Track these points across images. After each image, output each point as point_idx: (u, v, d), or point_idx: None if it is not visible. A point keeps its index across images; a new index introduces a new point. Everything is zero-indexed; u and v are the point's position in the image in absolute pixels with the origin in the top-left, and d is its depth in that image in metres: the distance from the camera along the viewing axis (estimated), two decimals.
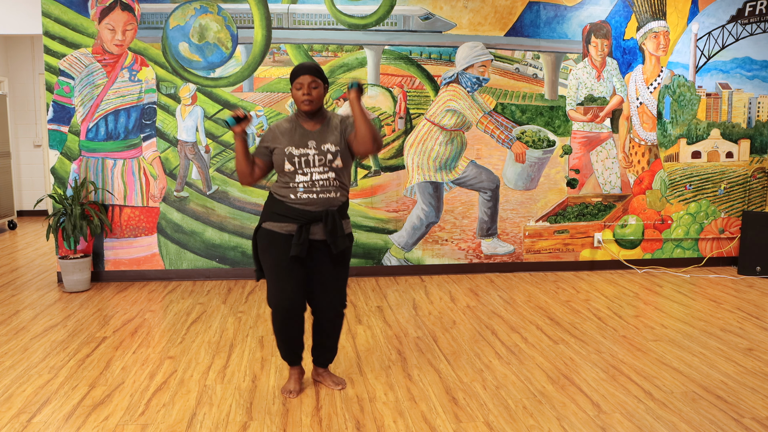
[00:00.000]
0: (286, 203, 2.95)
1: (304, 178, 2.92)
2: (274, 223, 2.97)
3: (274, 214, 2.97)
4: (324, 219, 2.93)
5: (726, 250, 5.87)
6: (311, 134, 2.96)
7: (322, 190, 2.93)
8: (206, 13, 5.14)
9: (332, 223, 2.93)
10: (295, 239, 2.91)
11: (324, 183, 2.93)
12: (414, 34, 5.32)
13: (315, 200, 2.92)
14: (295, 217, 2.93)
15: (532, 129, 5.53)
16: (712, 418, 2.88)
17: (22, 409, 2.97)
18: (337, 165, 2.95)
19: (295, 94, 2.93)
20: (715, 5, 5.59)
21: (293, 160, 2.91)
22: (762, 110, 5.77)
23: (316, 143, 2.94)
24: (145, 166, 5.24)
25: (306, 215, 2.93)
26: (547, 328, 4.12)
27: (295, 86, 2.92)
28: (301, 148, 2.92)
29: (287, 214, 2.94)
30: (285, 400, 3.06)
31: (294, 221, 2.93)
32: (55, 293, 4.97)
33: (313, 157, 2.92)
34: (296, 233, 2.92)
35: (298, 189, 2.92)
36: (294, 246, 2.90)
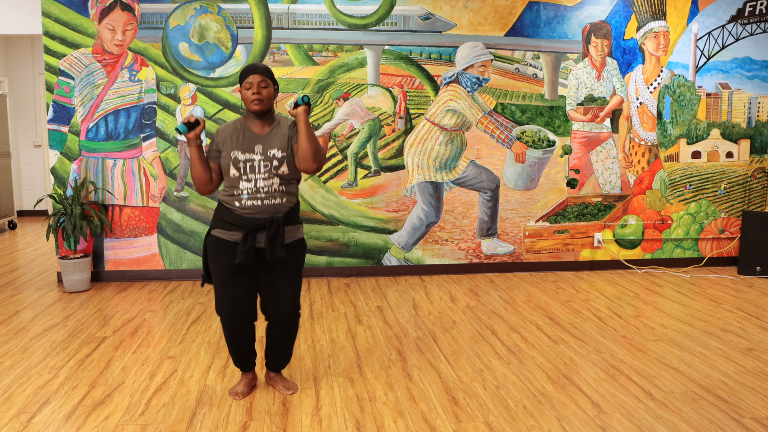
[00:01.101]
0: (233, 211, 2.90)
1: (248, 184, 2.87)
2: (222, 231, 2.93)
3: (222, 222, 2.93)
4: (268, 226, 2.88)
5: (726, 250, 5.87)
6: (259, 138, 2.91)
7: (266, 197, 2.88)
8: (206, 13, 5.14)
9: (274, 230, 2.87)
10: (241, 247, 2.86)
11: (268, 190, 2.88)
12: (414, 34, 5.32)
13: (260, 207, 2.88)
14: (242, 225, 2.89)
15: (532, 129, 5.53)
16: (712, 418, 2.88)
17: (22, 409, 2.97)
18: (283, 172, 2.90)
19: (244, 93, 2.88)
20: (715, 5, 5.59)
21: (238, 165, 2.86)
22: (762, 110, 5.77)
23: (263, 148, 2.89)
24: (145, 166, 5.24)
25: (252, 223, 2.89)
26: (547, 328, 4.12)
27: (245, 86, 2.87)
28: (247, 153, 2.87)
29: (234, 222, 2.90)
30: (285, 400, 3.06)
31: (240, 229, 2.89)
32: (55, 293, 4.97)
33: (259, 162, 2.87)
34: (242, 241, 2.87)
35: (242, 196, 2.88)
36: (239, 254, 2.86)
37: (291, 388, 3.16)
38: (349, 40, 5.27)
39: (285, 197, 2.93)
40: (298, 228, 3.03)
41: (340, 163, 5.37)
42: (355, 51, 5.29)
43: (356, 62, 5.30)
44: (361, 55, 5.30)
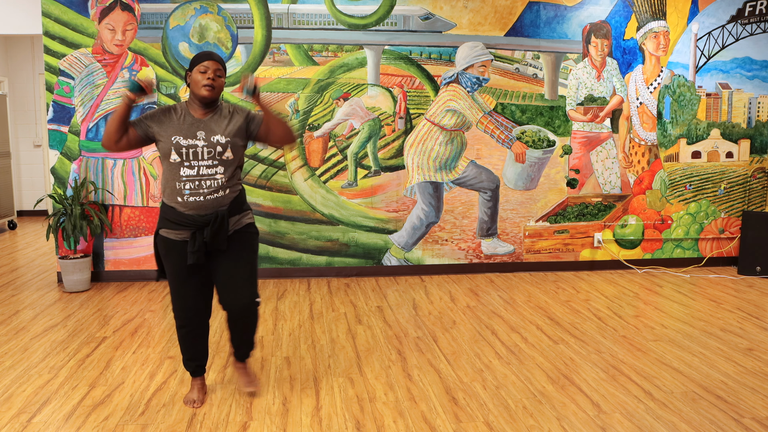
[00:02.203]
0: (176, 209, 2.81)
1: (191, 171, 2.76)
2: (168, 231, 2.86)
3: (167, 221, 2.85)
4: (212, 220, 2.80)
5: (726, 250, 5.87)
6: (200, 123, 2.81)
7: (209, 191, 2.79)
8: (206, 13, 5.14)
9: (219, 225, 2.81)
10: (190, 247, 2.80)
11: (211, 183, 2.79)
12: (414, 34, 5.32)
13: (203, 203, 2.79)
14: (187, 224, 2.81)
15: (532, 129, 5.53)
16: (712, 418, 2.88)
17: (22, 409, 2.97)
18: (227, 157, 2.83)
19: (196, 77, 2.76)
20: (715, 5, 5.59)
21: (180, 150, 2.75)
22: (762, 110, 5.77)
23: (206, 134, 2.79)
24: (145, 166, 5.24)
25: (197, 221, 2.81)
26: (547, 328, 4.12)
27: (199, 69, 2.75)
28: (189, 139, 2.77)
29: (179, 221, 2.81)
30: (285, 400, 3.06)
31: (186, 228, 2.82)
32: (55, 293, 4.97)
33: (202, 149, 2.77)
34: (190, 241, 2.80)
35: (184, 191, 2.77)
36: (189, 254, 2.80)
37: (252, 384, 3.11)
38: (349, 40, 5.27)
39: (228, 189, 2.85)
40: (246, 214, 2.96)
41: (340, 163, 5.37)
42: (355, 51, 5.29)
43: (356, 62, 5.30)
44: (361, 55, 5.30)
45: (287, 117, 5.27)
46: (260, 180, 5.31)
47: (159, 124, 2.81)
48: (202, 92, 2.77)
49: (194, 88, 2.79)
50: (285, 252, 5.40)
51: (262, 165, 5.30)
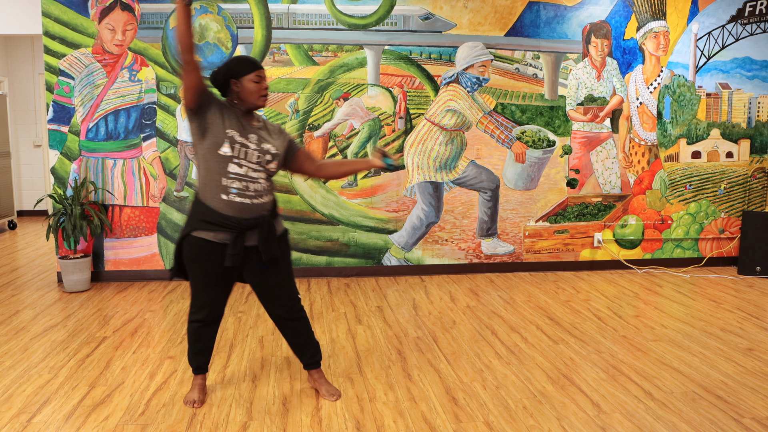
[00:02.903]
0: (218, 211, 2.74)
1: (239, 170, 2.73)
2: (205, 232, 2.78)
3: (204, 222, 2.76)
4: (260, 227, 2.79)
5: (726, 250, 5.87)
6: (252, 128, 2.79)
7: (255, 195, 2.77)
8: (206, 13, 5.14)
9: (267, 231, 2.80)
10: (230, 250, 2.75)
11: (256, 187, 2.78)
12: (414, 34, 5.32)
13: (248, 206, 2.76)
14: (229, 226, 2.75)
15: (532, 129, 5.53)
16: (712, 418, 2.88)
17: (22, 409, 2.97)
18: (272, 168, 2.84)
19: (249, 86, 2.74)
20: (715, 5, 5.59)
21: (234, 145, 2.71)
22: (762, 110, 5.77)
23: (257, 139, 2.78)
24: (145, 166, 5.24)
25: (241, 224, 2.76)
26: (547, 328, 4.12)
27: (253, 78, 2.74)
28: (243, 138, 2.75)
29: (219, 223, 2.75)
30: (285, 400, 3.06)
31: (227, 230, 2.76)
32: (55, 293, 4.97)
33: (253, 151, 2.75)
34: (231, 244, 2.75)
35: (231, 188, 2.73)
36: (229, 257, 2.75)
37: (334, 393, 3.08)
38: (349, 40, 5.27)
39: (270, 195, 2.87)
40: (279, 220, 2.98)
41: None
42: (355, 51, 5.29)
43: (356, 62, 5.30)
44: (361, 55, 5.30)
45: (287, 117, 5.27)
46: None
47: (218, 110, 2.75)
48: (258, 102, 2.78)
49: (247, 96, 2.76)
50: None
51: None
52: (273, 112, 5.26)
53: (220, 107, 2.76)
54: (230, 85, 2.78)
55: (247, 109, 2.80)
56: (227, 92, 2.81)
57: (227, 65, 2.78)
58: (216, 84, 2.82)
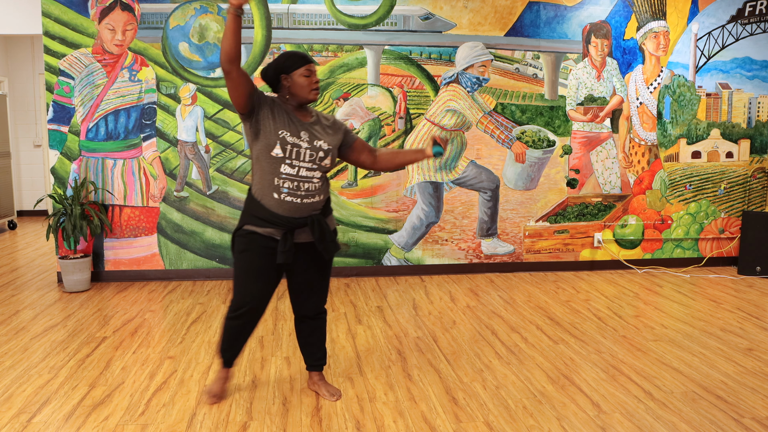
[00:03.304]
0: (269, 209, 2.77)
1: (291, 170, 2.74)
2: (255, 227, 2.81)
3: (256, 218, 2.80)
4: (311, 227, 2.81)
5: (726, 250, 5.87)
6: (303, 125, 2.79)
7: (306, 194, 2.78)
8: (206, 13, 5.14)
9: (319, 230, 2.81)
10: (281, 246, 2.77)
11: (309, 186, 2.78)
12: (414, 34, 5.32)
13: (299, 206, 2.77)
14: (279, 224, 2.78)
15: (532, 129, 5.53)
16: (712, 418, 2.88)
17: (22, 409, 2.97)
18: (326, 164, 2.83)
19: (300, 80, 2.75)
20: (715, 5, 5.59)
21: (285, 146, 2.72)
22: (762, 110, 5.77)
23: (309, 136, 2.78)
24: (145, 166, 5.24)
25: (290, 222, 2.79)
26: (547, 328, 4.12)
27: (303, 72, 2.74)
28: (294, 137, 2.74)
29: (270, 220, 2.78)
30: (285, 400, 3.06)
31: (277, 227, 2.79)
32: (55, 293, 4.97)
33: (305, 150, 2.76)
34: (281, 240, 2.77)
35: (282, 189, 2.75)
36: (280, 254, 2.76)
37: (335, 393, 3.09)
38: (349, 40, 5.27)
39: (322, 194, 2.87)
40: (332, 218, 2.98)
41: (340, 163, 5.37)
42: (355, 51, 5.29)
43: (356, 62, 5.30)
44: (361, 55, 5.30)
45: None
46: None
47: (269, 111, 2.75)
48: (310, 96, 2.78)
49: (298, 90, 2.77)
50: None
51: None
52: None
53: (271, 107, 2.77)
54: (281, 81, 2.79)
55: (299, 103, 2.81)
56: (278, 88, 2.82)
57: (277, 61, 2.79)
58: (267, 80, 2.83)
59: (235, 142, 5.26)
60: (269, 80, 2.82)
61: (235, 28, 2.57)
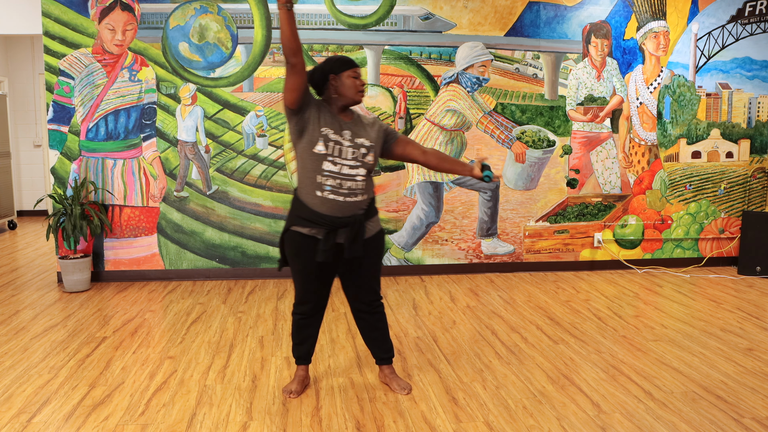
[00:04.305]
0: (313, 208, 2.85)
1: (333, 168, 2.82)
2: (301, 228, 2.91)
3: (300, 219, 2.89)
4: (350, 226, 2.88)
5: (726, 250, 5.87)
6: (346, 124, 2.89)
7: (349, 194, 2.86)
8: (206, 13, 5.14)
9: (356, 231, 2.88)
10: (322, 245, 2.85)
11: (351, 185, 2.85)
12: (414, 34, 5.32)
13: (342, 205, 2.85)
14: (322, 223, 2.86)
15: (532, 129, 5.53)
16: (712, 418, 2.88)
17: (22, 409, 2.97)
18: (369, 161, 2.90)
19: (348, 81, 2.86)
20: (715, 5, 5.59)
21: (328, 143, 2.81)
22: (762, 110, 5.77)
23: (351, 134, 2.87)
24: (145, 166, 5.24)
25: (333, 222, 2.86)
26: (547, 328, 4.12)
27: (351, 74, 2.87)
28: (337, 135, 2.84)
29: (313, 220, 2.86)
30: (285, 400, 3.06)
31: (320, 227, 2.87)
32: (55, 293, 4.97)
33: (347, 148, 2.84)
34: (322, 240, 2.86)
35: (325, 185, 2.82)
36: (320, 252, 2.85)
37: (406, 387, 3.14)
38: (349, 40, 5.27)
39: (366, 194, 2.92)
40: (377, 220, 3.04)
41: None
42: (355, 51, 5.29)
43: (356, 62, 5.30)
44: (361, 55, 5.30)
45: None
46: (260, 180, 5.31)
47: (315, 109, 2.86)
48: (357, 96, 2.89)
49: (345, 91, 2.87)
50: None
51: (262, 165, 5.30)
52: (273, 112, 5.26)
53: (318, 107, 2.87)
54: (329, 81, 2.89)
55: (344, 104, 2.91)
56: (324, 89, 2.92)
57: (325, 64, 2.91)
58: (313, 81, 2.92)
59: (235, 142, 5.26)
60: (316, 81, 2.92)
61: (290, 21, 2.67)
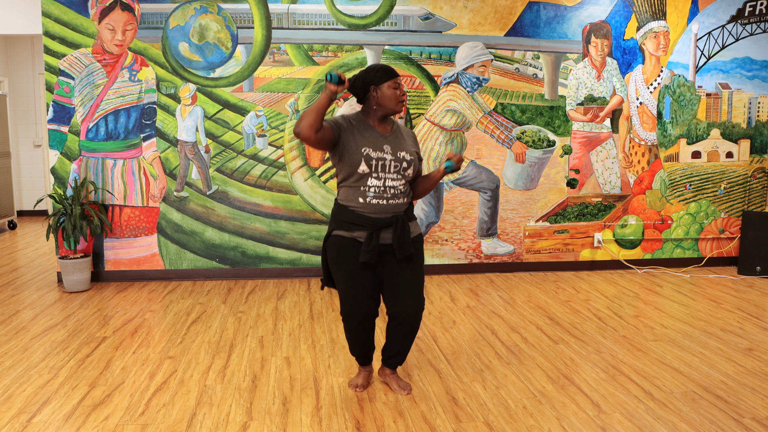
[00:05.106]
0: (355, 211, 2.90)
1: (377, 182, 2.89)
2: (343, 231, 2.95)
3: (343, 222, 2.94)
4: (394, 225, 2.91)
5: (726, 250, 5.87)
6: (385, 138, 2.94)
7: (392, 197, 2.91)
8: (206, 13, 5.14)
9: (401, 229, 2.91)
10: (365, 246, 2.88)
11: (394, 191, 2.91)
12: (414, 34, 5.32)
13: (384, 207, 2.90)
14: (364, 224, 2.90)
15: (532, 129, 5.53)
16: (712, 418, 2.88)
17: (22, 409, 2.97)
18: (409, 174, 2.96)
19: (388, 92, 2.90)
20: (715, 5, 5.59)
21: (370, 162, 2.86)
22: (762, 110, 5.77)
23: (392, 149, 2.92)
24: (145, 166, 5.24)
25: (375, 223, 2.90)
26: (547, 328, 4.12)
27: (391, 85, 2.90)
28: (378, 152, 2.89)
29: (355, 222, 2.91)
30: (285, 400, 3.06)
31: (363, 228, 2.91)
32: (55, 293, 4.97)
33: (390, 162, 2.89)
34: (366, 240, 2.89)
35: (368, 193, 2.89)
36: (364, 253, 2.88)
37: (406, 388, 3.14)
38: (349, 40, 5.27)
39: (406, 197, 2.98)
40: (416, 223, 3.07)
41: None
42: (355, 51, 5.29)
43: (356, 62, 5.30)
44: (361, 55, 5.30)
45: (287, 117, 5.27)
46: (260, 180, 5.31)
47: (349, 130, 2.91)
48: (397, 107, 2.92)
49: (386, 102, 2.91)
50: (285, 252, 5.40)
51: (262, 165, 5.30)
52: (273, 112, 5.26)
53: (351, 128, 2.92)
54: (370, 92, 2.93)
55: (384, 114, 2.95)
56: (365, 99, 2.95)
57: (366, 73, 2.94)
58: (354, 91, 2.98)
59: (235, 142, 5.26)
60: (357, 91, 2.97)
61: (325, 108, 2.77)
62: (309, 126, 2.75)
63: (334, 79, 2.77)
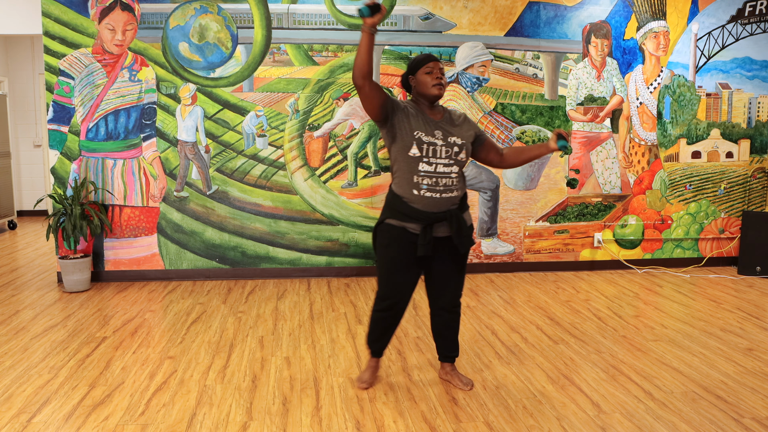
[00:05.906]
0: (409, 204, 2.92)
1: (429, 168, 2.88)
2: (396, 221, 2.96)
3: (397, 212, 2.95)
4: (449, 220, 2.92)
5: (726, 250, 5.87)
6: (437, 123, 2.94)
7: (445, 190, 2.91)
8: (206, 13, 5.14)
9: (457, 224, 2.92)
10: (421, 240, 2.90)
11: (447, 182, 2.91)
12: (414, 34, 5.32)
13: (438, 201, 2.90)
14: (419, 218, 2.91)
15: (532, 129, 5.53)
16: (712, 418, 2.88)
17: (22, 409, 2.97)
18: (462, 158, 2.95)
19: (424, 78, 2.91)
20: (715, 5, 5.59)
21: (422, 146, 2.87)
22: (762, 110, 5.77)
23: (443, 134, 2.92)
24: (145, 166, 5.24)
25: (429, 217, 2.92)
26: (547, 328, 4.12)
27: (425, 70, 2.90)
28: (429, 136, 2.89)
29: (410, 215, 2.92)
30: (285, 400, 3.06)
31: (417, 221, 2.92)
32: (55, 293, 4.97)
33: (440, 147, 2.89)
34: (421, 234, 2.91)
35: (422, 185, 2.88)
36: (420, 247, 2.90)
37: (468, 383, 3.17)
38: (349, 40, 5.27)
39: (460, 190, 2.98)
40: (469, 215, 3.07)
41: (340, 163, 5.37)
42: (355, 51, 5.29)
43: None
44: None
45: (287, 117, 5.28)
46: (260, 180, 5.31)
47: (403, 115, 2.91)
48: (433, 91, 2.91)
49: (423, 88, 2.93)
50: (285, 252, 5.40)
51: (262, 165, 5.30)
52: (273, 112, 5.26)
53: (405, 111, 2.93)
54: (410, 83, 2.98)
55: (428, 101, 2.96)
56: (411, 90, 3.00)
57: (408, 66, 3.00)
58: (404, 87, 3.04)
59: (235, 142, 5.26)
60: (404, 85, 3.03)
61: (369, 46, 2.74)
62: (358, 70, 2.74)
63: (365, 12, 2.63)
